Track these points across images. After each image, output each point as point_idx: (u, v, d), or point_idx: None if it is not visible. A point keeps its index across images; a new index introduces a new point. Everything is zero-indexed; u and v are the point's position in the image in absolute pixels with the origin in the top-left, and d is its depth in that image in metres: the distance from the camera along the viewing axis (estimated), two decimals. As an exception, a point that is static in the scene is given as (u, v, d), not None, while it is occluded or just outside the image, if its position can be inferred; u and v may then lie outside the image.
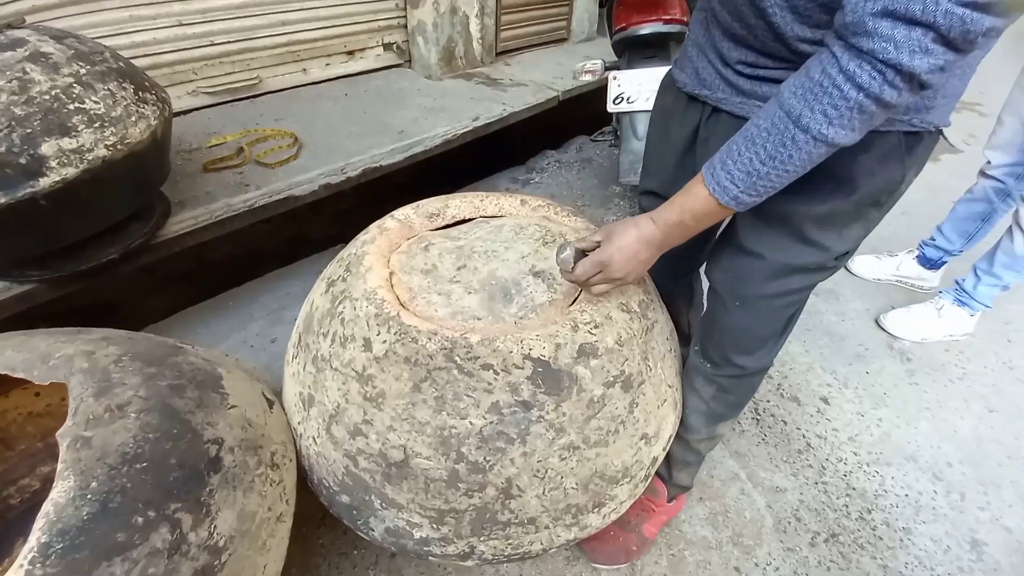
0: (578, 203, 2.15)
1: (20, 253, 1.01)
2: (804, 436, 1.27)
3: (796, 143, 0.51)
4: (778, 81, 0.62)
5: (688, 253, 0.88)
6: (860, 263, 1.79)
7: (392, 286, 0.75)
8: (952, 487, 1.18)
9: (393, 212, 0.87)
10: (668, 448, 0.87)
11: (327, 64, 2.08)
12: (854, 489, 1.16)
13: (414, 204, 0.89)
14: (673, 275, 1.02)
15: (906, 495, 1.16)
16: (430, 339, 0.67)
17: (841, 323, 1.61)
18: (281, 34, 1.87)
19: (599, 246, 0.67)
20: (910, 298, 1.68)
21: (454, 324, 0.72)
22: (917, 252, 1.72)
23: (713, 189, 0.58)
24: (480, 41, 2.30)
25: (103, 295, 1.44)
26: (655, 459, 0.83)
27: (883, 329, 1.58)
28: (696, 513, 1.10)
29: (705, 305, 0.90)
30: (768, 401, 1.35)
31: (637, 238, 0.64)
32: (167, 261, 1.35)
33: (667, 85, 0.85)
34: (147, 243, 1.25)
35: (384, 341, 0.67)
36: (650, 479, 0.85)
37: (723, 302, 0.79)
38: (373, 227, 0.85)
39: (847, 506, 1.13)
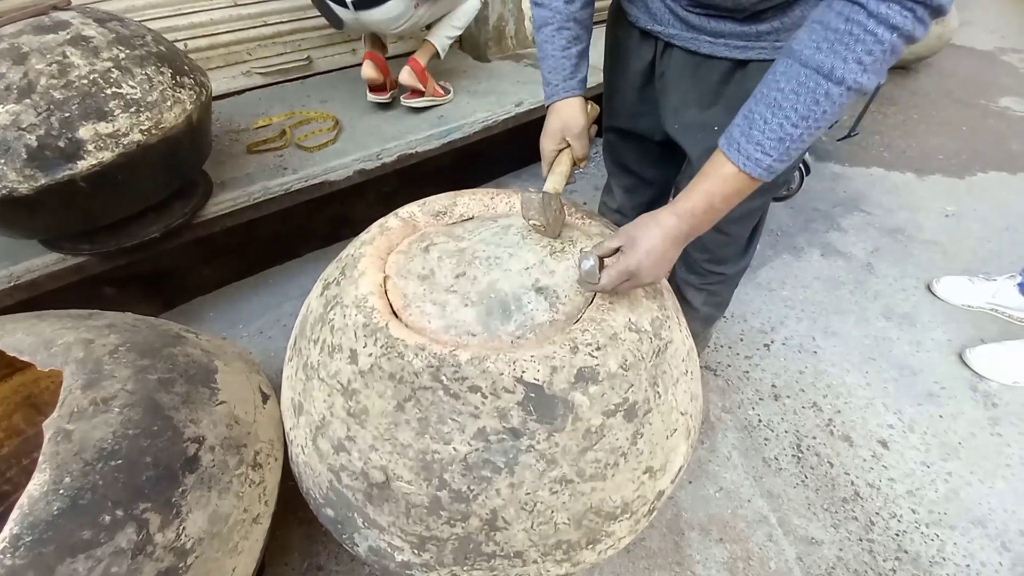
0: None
1: (64, 230, 1.07)
2: (853, 483, 1.12)
3: (830, 97, 0.51)
4: (723, 15, 0.68)
5: (660, 198, 1.08)
6: (948, 285, 1.55)
7: (386, 291, 0.71)
8: (1019, 560, 1.00)
9: (398, 210, 0.83)
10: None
11: (377, 45, 2.06)
12: (906, 552, 1.01)
13: (420, 201, 0.84)
14: (627, 190, 1.12)
15: (967, 565, 0.99)
16: (417, 355, 0.62)
17: (915, 355, 1.40)
18: (332, 14, 1.86)
19: (618, 251, 0.63)
20: (1005, 332, 1.44)
21: (446, 339, 0.67)
22: (1020, 278, 1.45)
23: (743, 164, 0.56)
24: (532, 19, 2.19)
25: (160, 264, 1.52)
26: (660, 493, 0.75)
27: (967, 366, 1.36)
28: (713, 555, 1.00)
29: None
30: (814, 438, 1.20)
31: (662, 238, 0.61)
32: (218, 235, 1.41)
33: (616, 17, 0.87)
34: (188, 222, 1.30)
35: (370, 354, 0.64)
36: (655, 512, 0.78)
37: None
38: (375, 226, 0.81)
39: (895, 571, 0.98)
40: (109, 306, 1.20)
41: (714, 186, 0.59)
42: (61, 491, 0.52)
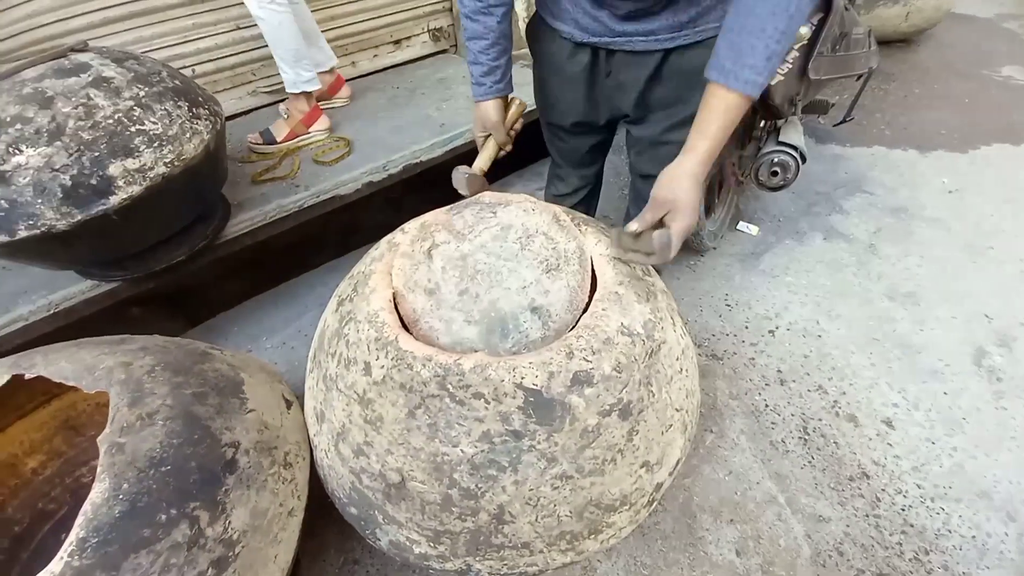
0: (624, 190, 2.05)
1: (97, 259, 1.15)
2: (859, 462, 1.15)
3: (800, 9, 0.60)
4: (650, 13, 0.79)
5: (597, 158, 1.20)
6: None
7: (396, 306, 0.76)
8: (1027, 531, 1.03)
9: (404, 225, 0.88)
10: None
11: (375, 55, 2.12)
12: (912, 526, 1.04)
13: (422, 217, 0.89)
14: (583, 175, 1.22)
15: (973, 536, 1.02)
16: (424, 365, 0.67)
17: (919, 333, 1.41)
18: (330, 29, 1.92)
19: (659, 220, 0.71)
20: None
21: (452, 353, 0.72)
22: None
23: (743, 88, 0.64)
24: (527, 21, 2.22)
25: (184, 284, 1.61)
26: (659, 485, 0.79)
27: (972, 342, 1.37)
28: (724, 535, 1.05)
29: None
30: (820, 419, 1.23)
31: (696, 187, 0.70)
32: (238, 253, 1.48)
33: (544, 31, 0.96)
34: (210, 244, 1.37)
35: (383, 366, 0.69)
36: (655, 503, 0.82)
37: (651, 182, 0.84)
38: (383, 242, 0.86)
39: (901, 544, 1.01)
40: (137, 325, 1.27)
41: (723, 119, 0.67)
42: (120, 496, 0.59)
